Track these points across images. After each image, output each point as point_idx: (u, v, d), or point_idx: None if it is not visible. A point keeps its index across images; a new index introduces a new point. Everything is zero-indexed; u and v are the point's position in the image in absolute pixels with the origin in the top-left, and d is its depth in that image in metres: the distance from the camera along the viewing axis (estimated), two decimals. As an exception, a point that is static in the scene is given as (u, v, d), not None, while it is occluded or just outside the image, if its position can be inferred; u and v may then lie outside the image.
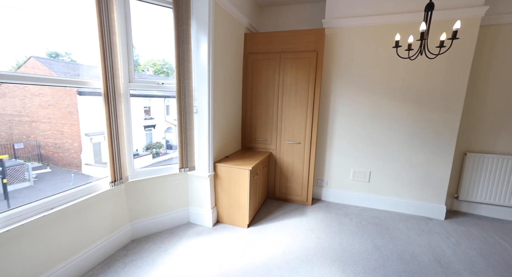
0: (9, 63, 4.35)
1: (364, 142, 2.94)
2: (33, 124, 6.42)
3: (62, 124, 6.80)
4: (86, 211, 1.80)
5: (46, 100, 6.28)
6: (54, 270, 1.60)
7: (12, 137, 5.74)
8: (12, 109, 5.93)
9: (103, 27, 1.68)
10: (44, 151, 6.52)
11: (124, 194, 2.12)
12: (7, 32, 2.64)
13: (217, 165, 2.45)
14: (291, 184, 3.05)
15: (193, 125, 2.30)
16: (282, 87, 2.84)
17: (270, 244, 2.27)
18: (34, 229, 1.48)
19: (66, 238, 1.68)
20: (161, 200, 2.35)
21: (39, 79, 1.57)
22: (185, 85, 2.16)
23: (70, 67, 6.03)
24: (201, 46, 2.19)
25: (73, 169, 6.63)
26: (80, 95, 5.88)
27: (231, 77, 2.71)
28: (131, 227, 2.21)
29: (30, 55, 5.47)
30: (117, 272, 1.85)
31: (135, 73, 2.10)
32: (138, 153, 8.33)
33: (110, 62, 1.76)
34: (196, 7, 2.15)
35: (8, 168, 4.86)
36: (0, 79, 1.47)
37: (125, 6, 1.92)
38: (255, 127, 3.05)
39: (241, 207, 2.45)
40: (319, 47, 2.65)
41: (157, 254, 2.07)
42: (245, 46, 2.91)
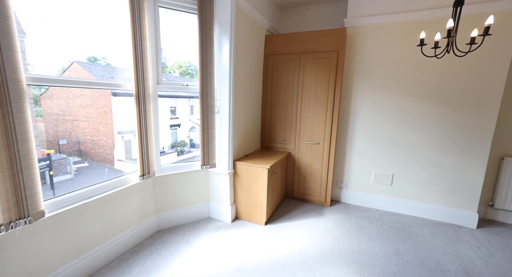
0: (55, 68, 4.89)
1: (387, 144, 2.84)
2: (74, 123, 7.09)
3: (98, 123, 7.42)
4: (118, 201, 1.99)
5: (86, 101, 6.92)
6: (91, 252, 1.80)
7: (58, 134, 6.41)
8: (57, 109, 6.62)
9: (136, 35, 1.85)
10: (83, 146, 7.18)
11: (151, 188, 2.30)
12: (54, 41, 2.98)
13: (237, 163, 2.54)
14: (309, 184, 3.04)
15: (214, 125, 2.41)
16: (302, 88, 2.85)
17: (286, 242, 2.30)
18: (76, 215, 1.68)
19: (101, 225, 1.87)
20: (184, 195, 2.50)
21: (80, 83, 1.77)
22: (208, 86, 2.28)
23: (106, 70, 6.60)
24: (223, 49, 2.30)
25: (107, 164, 7.23)
26: (114, 96, 6.38)
27: (251, 78, 2.79)
28: (157, 218, 2.39)
29: (73, 60, 6.08)
30: (144, 259, 2.01)
31: (163, 75, 2.27)
32: (164, 151, 8.81)
33: (141, 66, 1.93)
34: (218, 12, 2.25)
35: (54, 162, 5.45)
36: (49, 83, 1.69)
37: (155, 14, 2.09)
38: (274, 127, 3.09)
39: (259, 204, 2.51)
40: (340, 47, 2.62)
41: (180, 245, 2.21)
42: (266, 48, 2.97)
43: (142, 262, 1.97)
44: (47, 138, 6.65)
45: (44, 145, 5.80)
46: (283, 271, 1.92)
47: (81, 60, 6.13)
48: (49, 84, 1.69)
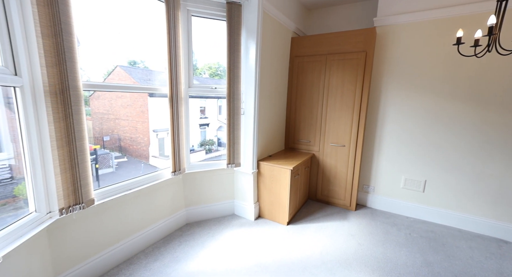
0: (101, 72, 5.47)
1: (419, 148, 2.68)
2: (116, 121, 7.84)
3: (136, 122, 8.10)
4: (153, 194, 2.21)
5: (126, 101, 7.60)
6: (130, 238, 2.03)
7: (102, 131, 7.16)
8: (103, 109, 7.38)
9: (171, 43, 2.03)
10: (123, 143, 7.90)
11: (181, 183, 2.49)
12: (101, 47, 3.37)
13: (260, 163, 2.62)
14: (333, 187, 3.00)
15: (240, 126, 2.52)
16: (327, 89, 2.83)
17: (308, 243, 2.32)
18: (118, 204, 1.91)
19: (139, 215, 2.10)
20: (210, 191, 2.66)
21: (122, 87, 2.00)
22: (235, 89, 2.40)
23: (143, 73, 7.19)
24: (250, 53, 2.39)
25: (143, 160, 7.87)
26: (150, 97, 6.92)
27: (277, 80, 2.85)
28: (186, 212, 2.58)
29: (116, 65, 6.74)
30: (174, 248, 2.20)
31: (194, 77, 2.44)
32: (194, 149, 9.26)
33: (175, 72, 2.11)
34: (246, 18, 2.35)
35: (99, 156, 6.11)
36: (98, 88, 1.94)
37: (188, 23, 2.26)
38: (298, 129, 3.11)
39: (282, 204, 2.56)
40: (369, 47, 2.55)
41: (206, 238, 2.36)
42: (292, 50, 3.00)
43: (172, 251, 2.16)
44: (94, 135, 7.46)
45: (91, 140, 6.54)
46: (303, 271, 1.95)
47: (123, 64, 6.76)
48: (99, 90, 1.95)
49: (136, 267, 1.94)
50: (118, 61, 6.81)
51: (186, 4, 2.20)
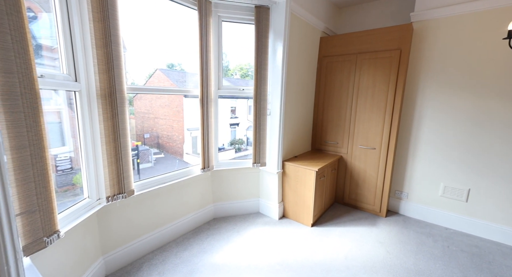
0: (144, 75, 5.99)
1: (461, 153, 2.43)
2: (155, 120, 8.51)
3: (173, 121, 8.69)
4: (184, 188, 2.39)
5: (164, 101, 8.19)
6: (163, 228, 2.23)
7: (143, 129, 7.84)
8: (144, 109, 8.06)
9: (202, 49, 2.17)
10: (161, 140, 8.55)
11: (210, 180, 2.65)
12: (143, 53, 3.71)
13: (286, 163, 2.65)
14: (362, 191, 2.89)
15: (266, 126, 2.58)
16: (357, 90, 2.73)
17: (332, 246, 2.29)
18: (154, 196, 2.12)
19: (171, 206, 2.29)
20: (236, 189, 2.77)
21: (158, 90, 2.21)
22: (261, 90, 2.46)
23: (180, 75, 7.70)
24: (277, 55, 2.43)
25: (178, 156, 8.43)
26: (185, 98, 7.38)
27: (304, 81, 2.84)
28: (213, 207, 2.73)
29: (156, 68, 7.32)
30: (202, 240, 2.35)
31: (225, 78, 2.57)
32: (224, 147, 9.60)
33: (206, 74, 2.25)
34: (274, 21, 2.40)
35: (140, 152, 6.71)
36: (136, 91, 2.17)
37: (219, 28, 2.39)
38: (326, 130, 3.05)
39: (306, 205, 2.55)
40: (404, 45, 2.39)
41: (231, 233, 2.47)
42: (320, 50, 2.96)
43: (200, 243, 2.31)
44: (136, 132, 8.21)
45: (134, 137, 7.24)
46: (325, 274, 1.93)
47: (162, 67, 7.34)
48: (139, 92, 2.18)
49: (168, 254, 2.13)
50: (158, 65, 7.42)
51: (217, 10, 2.33)
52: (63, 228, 1.41)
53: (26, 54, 1.08)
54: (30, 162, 1.12)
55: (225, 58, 4.39)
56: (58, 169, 2.15)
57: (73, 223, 1.49)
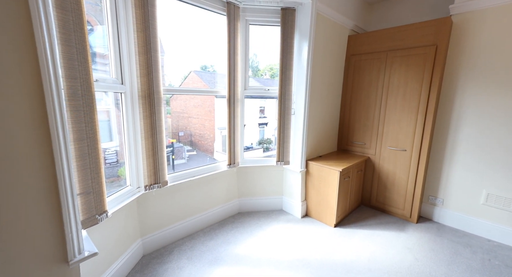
0: (179, 76, 6.43)
1: (508, 158, 2.19)
2: (189, 119, 9.03)
3: (205, 120, 9.14)
4: (212, 182, 2.56)
5: (197, 102, 8.66)
6: (192, 217, 2.43)
7: (178, 128, 8.39)
8: (179, 109, 8.62)
9: (230, 52, 2.32)
10: (193, 138, 9.05)
11: (235, 176, 2.79)
12: (179, 57, 4.02)
13: (309, 163, 2.67)
14: (390, 194, 2.76)
15: (290, 125, 2.64)
16: (387, 89, 2.62)
17: (355, 248, 2.25)
18: (185, 187, 2.33)
19: (200, 198, 2.48)
20: (260, 185, 2.87)
21: (190, 91, 2.41)
22: (286, 90, 2.53)
23: (212, 76, 8.07)
24: (302, 55, 2.47)
25: (208, 154, 8.83)
26: (216, 98, 7.73)
27: (329, 80, 2.82)
28: (238, 202, 2.87)
29: (191, 70, 7.78)
30: (227, 232, 2.50)
31: (255, 78, 2.68)
32: (252, 146, 9.79)
33: (233, 76, 2.39)
34: (299, 22, 2.44)
35: (175, 149, 7.24)
36: (171, 92, 2.40)
37: (246, 32, 2.51)
38: (353, 130, 2.98)
39: (329, 206, 2.55)
40: (441, 40, 2.24)
41: (254, 228, 2.58)
42: (348, 48, 2.90)
43: (225, 234, 2.46)
44: (172, 130, 8.82)
45: (170, 135, 7.81)
46: (346, 274, 1.93)
47: (196, 69, 7.79)
48: (174, 93, 2.41)
49: (196, 242, 2.32)
50: (193, 67, 7.91)
51: (245, 15, 2.45)
52: (110, 209, 1.66)
53: (86, 62, 1.32)
54: (87, 152, 1.36)
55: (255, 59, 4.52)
56: (106, 161, 2.49)
57: (117, 206, 1.73)
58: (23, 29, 0.93)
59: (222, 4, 2.28)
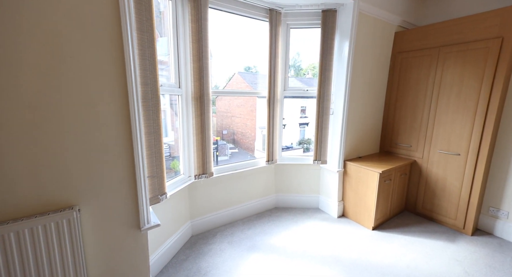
0: (224, 78, 6.94)
1: None
2: (232, 118, 9.54)
3: (247, 119, 9.54)
4: (251, 176, 2.77)
5: (240, 102, 9.08)
6: (233, 207, 2.68)
7: (222, 126, 8.94)
8: (223, 108, 9.17)
9: (271, 55, 2.48)
10: (236, 137, 9.53)
11: (273, 172, 2.95)
12: (225, 59, 4.37)
13: (347, 163, 2.65)
14: (440, 202, 2.55)
15: (328, 125, 2.67)
16: (438, 87, 2.43)
17: (392, 252, 2.19)
18: (227, 180, 2.58)
19: (240, 190, 2.71)
20: (297, 183, 2.97)
21: (236, 92, 2.65)
22: (325, 91, 2.57)
23: (254, 76, 8.40)
24: (342, 56, 2.48)
25: (249, 152, 9.19)
26: (258, 98, 8.03)
27: (372, 79, 2.74)
28: (275, 197, 3.02)
29: (234, 72, 8.24)
30: (263, 223, 2.68)
31: (297, 77, 2.79)
32: (292, 146, 9.82)
33: (274, 78, 2.55)
34: (340, 22, 2.45)
35: (219, 146, 7.77)
36: (217, 94, 2.67)
37: (287, 35, 2.64)
38: (397, 132, 2.83)
39: (367, 208, 2.50)
40: (508, 32, 1.99)
41: (290, 223, 2.70)
42: (394, 46, 2.77)
43: (262, 225, 2.65)
44: (217, 129, 9.44)
45: (214, 133, 8.41)
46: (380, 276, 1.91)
47: (240, 70, 8.22)
48: (220, 95, 2.70)
49: (235, 230, 2.56)
50: (237, 68, 8.35)
51: (286, 19, 2.58)
52: (168, 193, 1.99)
53: (154, 71, 1.64)
54: (154, 143, 1.70)
55: (297, 58, 4.58)
56: (163, 153, 2.91)
57: (173, 190, 2.07)
58: (118, 49, 1.25)
59: (265, 11, 2.45)
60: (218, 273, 1.92)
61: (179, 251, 2.18)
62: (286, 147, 9.13)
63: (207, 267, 1.98)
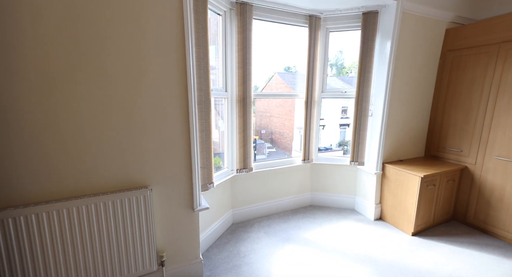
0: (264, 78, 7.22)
1: None
2: (270, 118, 9.77)
3: (285, 119, 9.68)
4: (287, 174, 2.93)
5: (278, 102, 9.25)
6: (269, 201, 2.89)
7: (261, 126, 9.24)
8: (262, 108, 9.44)
9: (310, 59, 2.60)
10: (274, 136, 9.72)
11: (309, 171, 3.06)
12: (265, 60, 4.61)
13: (386, 165, 2.61)
14: (496, 213, 2.33)
15: (366, 127, 2.66)
16: (496, 88, 2.22)
17: (433, 260, 2.11)
18: (264, 175, 2.80)
19: (276, 186, 2.90)
20: (333, 183, 3.02)
21: (274, 95, 2.85)
22: (364, 92, 2.58)
23: (293, 76, 8.49)
24: (383, 57, 2.45)
25: (287, 152, 9.30)
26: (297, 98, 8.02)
27: (416, 80, 2.63)
28: (310, 195, 3.12)
29: (275, 72, 8.45)
30: (298, 219, 2.82)
31: (339, 76, 2.85)
32: (331, 148, 9.58)
33: (312, 80, 2.67)
34: (382, 23, 2.43)
35: (257, 144, 8.08)
36: (258, 97, 2.90)
37: (326, 39, 2.72)
38: (446, 135, 2.66)
39: (407, 212, 2.43)
40: None
41: (324, 221, 2.78)
42: (445, 43, 2.60)
43: (296, 220, 2.79)
44: (255, 128, 9.79)
45: (253, 132, 8.77)
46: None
47: (280, 70, 8.38)
48: (260, 97, 2.92)
49: (272, 222, 2.76)
50: (276, 68, 8.55)
51: (326, 24, 2.66)
52: (216, 182, 2.30)
53: (207, 79, 1.94)
54: (205, 139, 2.00)
55: (340, 57, 4.54)
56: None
57: (218, 181, 2.37)
58: (181, 62, 1.57)
59: (304, 18, 2.58)
60: (255, 257, 2.15)
61: (222, 235, 2.47)
62: (325, 148, 8.95)
63: (245, 251, 2.23)
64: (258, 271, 1.98)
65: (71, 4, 1.25)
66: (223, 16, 2.28)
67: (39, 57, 1.23)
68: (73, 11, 1.26)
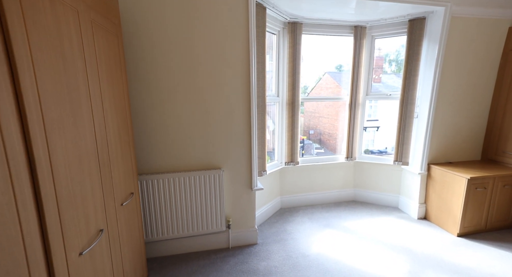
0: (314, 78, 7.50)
1: None
2: (319, 119, 9.91)
3: (334, 120, 9.69)
4: (331, 169, 3.24)
5: (328, 102, 9.32)
6: (313, 193, 3.24)
7: (309, 126, 9.48)
8: (311, 108, 9.67)
9: (354, 65, 2.86)
10: (322, 137, 9.83)
11: (352, 168, 3.29)
12: (315, 61, 4.92)
13: (431, 166, 2.67)
14: (562, 221, 2.17)
15: (411, 128, 2.77)
16: None
17: (477, 259, 2.15)
18: (310, 169, 3.17)
19: (321, 180, 3.24)
20: (376, 181, 3.18)
21: (320, 99, 3.19)
22: (409, 95, 2.70)
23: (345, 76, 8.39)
24: (430, 60, 2.54)
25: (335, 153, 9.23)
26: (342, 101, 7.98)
27: (471, 82, 2.60)
28: (353, 191, 3.35)
29: (325, 72, 8.61)
30: (340, 211, 3.10)
31: (398, 74, 2.99)
32: (387, 151, 9.10)
33: (356, 84, 2.92)
34: (429, 28, 2.52)
35: (305, 144, 8.37)
36: (305, 100, 3.28)
37: (371, 44, 2.92)
38: (505, 138, 2.54)
39: (452, 213, 2.47)
40: None
41: (365, 215, 2.99)
42: (507, 43, 2.50)
43: (338, 212, 3.07)
44: (304, 128, 10.03)
45: (302, 133, 9.07)
46: (452, 275, 2.00)
47: (331, 70, 8.44)
48: (307, 101, 3.30)
49: (315, 211, 3.12)
50: (328, 69, 8.65)
51: (371, 32, 2.87)
52: (268, 170, 2.81)
53: (264, 87, 2.46)
54: (260, 135, 2.53)
55: (401, 51, 4.51)
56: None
57: (270, 170, 2.87)
58: (246, 75, 2.12)
59: (349, 28, 2.86)
60: (299, 235, 2.57)
61: (271, 216, 2.97)
62: (379, 151, 8.53)
63: (291, 230, 2.67)
64: (300, 245, 2.40)
65: (182, 46, 1.93)
66: (277, 35, 2.77)
67: (167, 80, 1.94)
68: (184, 51, 1.94)
